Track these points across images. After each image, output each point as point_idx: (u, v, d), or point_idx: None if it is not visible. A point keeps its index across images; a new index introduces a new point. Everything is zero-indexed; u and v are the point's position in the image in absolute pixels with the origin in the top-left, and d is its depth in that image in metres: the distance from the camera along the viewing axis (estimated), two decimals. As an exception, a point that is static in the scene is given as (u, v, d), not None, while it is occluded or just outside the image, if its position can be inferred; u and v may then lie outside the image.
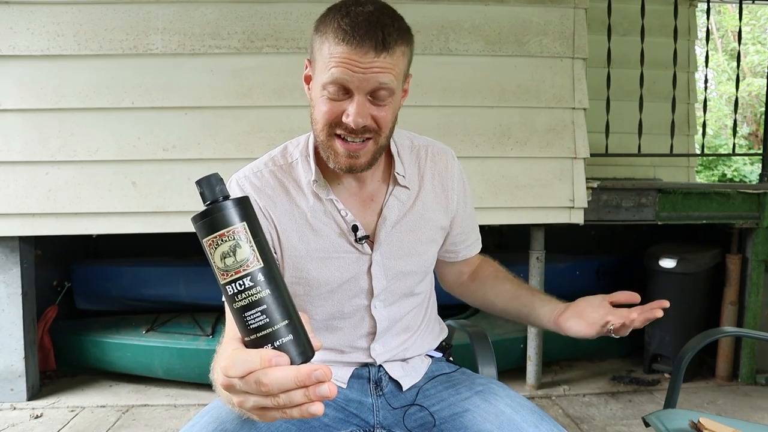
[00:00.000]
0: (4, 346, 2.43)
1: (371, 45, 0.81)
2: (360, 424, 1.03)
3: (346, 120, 0.85)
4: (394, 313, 1.05)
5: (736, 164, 7.70)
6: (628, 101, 2.87)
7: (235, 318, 0.59)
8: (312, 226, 0.98)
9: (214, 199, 0.60)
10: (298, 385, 0.55)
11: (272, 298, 0.59)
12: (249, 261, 0.58)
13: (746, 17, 8.30)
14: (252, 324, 0.58)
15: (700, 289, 2.70)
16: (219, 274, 0.58)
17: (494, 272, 1.18)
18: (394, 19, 0.85)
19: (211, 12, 2.24)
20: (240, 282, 0.58)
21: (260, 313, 0.58)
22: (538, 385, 2.63)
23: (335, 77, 0.83)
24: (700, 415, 1.28)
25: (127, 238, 2.38)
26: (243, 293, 0.58)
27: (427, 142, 1.08)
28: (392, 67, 0.84)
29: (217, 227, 0.58)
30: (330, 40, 0.83)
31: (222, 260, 0.58)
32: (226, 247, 0.58)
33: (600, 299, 0.99)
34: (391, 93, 0.86)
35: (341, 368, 1.07)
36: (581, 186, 2.39)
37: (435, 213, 1.04)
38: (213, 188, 0.60)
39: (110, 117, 2.23)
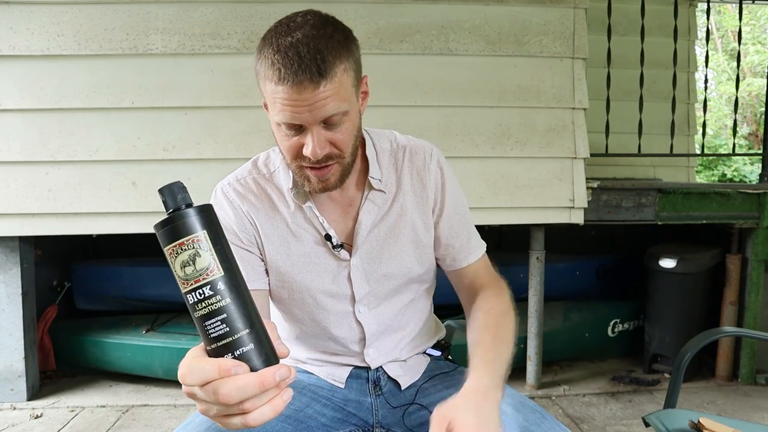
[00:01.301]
0: (4, 346, 2.44)
1: (307, 78, 0.78)
2: (359, 423, 1.03)
3: (306, 153, 0.84)
4: (382, 316, 1.04)
5: (736, 164, 7.70)
6: (628, 101, 2.87)
7: (198, 327, 0.58)
8: (293, 233, 0.99)
9: (176, 207, 0.59)
10: (263, 389, 0.55)
11: (233, 306, 0.58)
12: (209, 270, 0.57)
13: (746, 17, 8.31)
14: (212, 333, 0.57)
15: (700, 289, 2.70)
16: (180, 282, 0.58)
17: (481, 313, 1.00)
18: (326, 35, 0.80)
19: (211, 12, 2.24)
20: (200, 291, 0.57)
21: (220, 322, 0.57)
22: (538, 385, 2.63)
23: (285, 120, 0.83)
24: (700, 415, 1.28)
25: (127, 238, 2.38)
26: (203, 302, 0.57)
27: (407, 141, 1.05)
28: (336, 92, 0.81)
29: (177, 236, 0.57)
30: (268, 79, 0.81)
31: (182, 269, 0.57)
32: (185, 256, 0.57)
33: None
34: (344, 114, 0.84)
35: (338, 368, 1.07)
36: (581, 186, 2.39)
37: (416, 213, 1.02)
38: (175, 196, 0.59)
39: (110, 117, 2.23)
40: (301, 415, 0.95)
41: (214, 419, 0.58)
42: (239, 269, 0.60)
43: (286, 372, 0.56)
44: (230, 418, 0.57)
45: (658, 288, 2.73)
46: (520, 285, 2.65)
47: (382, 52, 2.30)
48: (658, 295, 2.74)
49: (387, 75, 2.30)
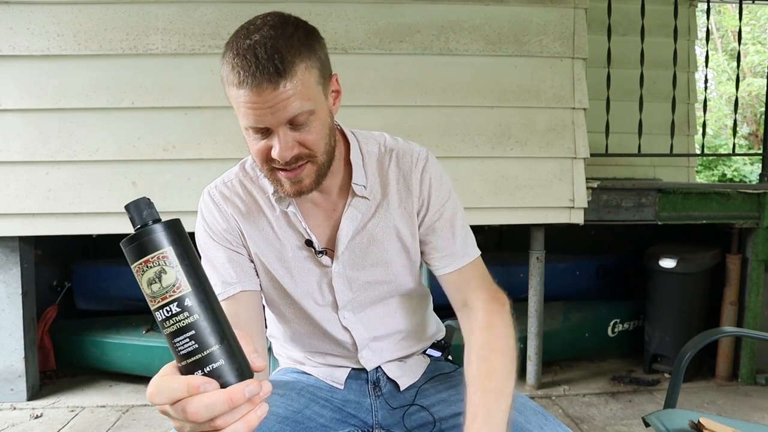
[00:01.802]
0: (4, 346, 2.43)
1: (266, 79, 0.77)
2: (358, 424, 1.03)
3: (273, 155, 0.83)
4: (369, 320, 1.03)
5: (736, 164, 7.70)
6: (628, 101, 2.87)
7: (168, 344, 0.57)
8: (278, 237, 0.98)
9: (142, 223, 0.58)
10: (233, 406, 0.53)
11: (202, 323, 0.56)
12: (175, 287, 0.56)
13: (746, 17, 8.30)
14: (182, 350, 0.56)
15: (700, 289, 2.70)
16: (148, 300, 0.56)
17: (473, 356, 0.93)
18: (286, 35, 0.79)
19: (211, 12, 2.24)
20: (167, 308, 0.55)
21: (189, 339, 0.55)
22: (538, 385, 2.63)
23: (248, 125, 0.82)
24: (700, 415, 1.27)
25: (127, 238, 2.38)
26: (171, 319, 0.55)
27: (396, 144, 1.01)
28: (297, 91, 0.79)
29: (142, 253, 0.56)
30: (230, 83, 0.80)
31: (149, 286, 0.56)
32: (151, 273, 0.56)
33: None
34: (310, 113, 0.82)
35: (336, 370, 1.07)
36: (581, 186, 2.39)
37: (401, 220, 1.00)
38: (141, 212, 0.59)
39: (110, 117, 2.23)
40: (300, 416, 0.95)
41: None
42: (209, 284, 0.58)
43: (256, 387, 0.54)
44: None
45: (658, 288, 2.73)
46: (520, 285, 2.65)
47: (382, 52, 2.30)
48: (658, 295, 2.74)
49: (387, 75, 2.30)
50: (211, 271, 0.96)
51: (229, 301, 0.93)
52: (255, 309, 0.97)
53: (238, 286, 0.94)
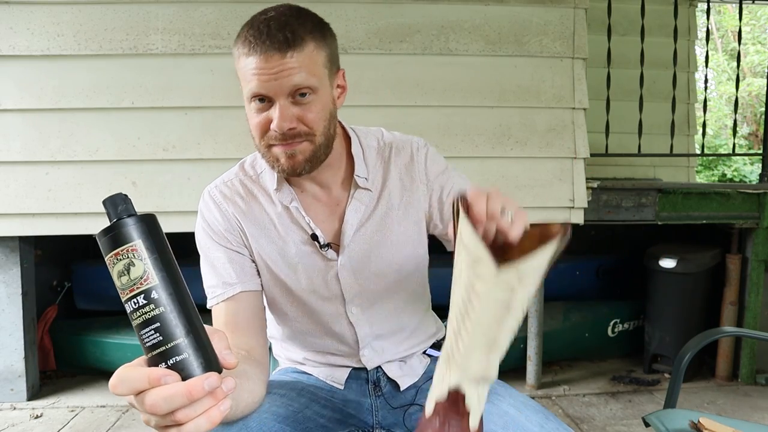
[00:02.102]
0: (4, 346, 2.44)
1: (275, 48, 0.81)
2: (358, 424, 1.03)
3: (272, 126, 0.85)
4: (376, 317, 1.03)
5: (736, 164, 7.70)
6: (628, 101, 2.87)
7: (137, 336, 0.58)
8: (280, 234, 0.99)
9: (117, 217, 0.59)
10: (191, 399, 0.52)
11: (168, 315, 0.57)
12: (142, 279, 0.57)
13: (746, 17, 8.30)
14: (147, 342, 0.56)
15: (700, 289, 2.70)
16: (119, 292, 0.57)
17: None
18: (300, 17, 0.84)
19: (211, 12, 2.24)
20: (134, 300, 0.56)
21: (154, 331, 0.56)
22: (538, 385, 2.63)
23: (252, 90, 0.84)
24: (700, 415, 1.28)
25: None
26: (137, 311, 0.56)
27: (393, 138, 1.05)
28: (303, 64, 0.82)
29: (113, 245, 0.57)
30: (241, 55, 0.84)
31: (119, 278, 0.57)
32: (121, 266, 0.57)
33: None
34: (312, 91, 0.85)
35: (337, 370, 1.07)
36: (581, 186, 2.39)
37: (405, 210, 1.01)
38: (116, 207, 0.60)
39: (110, 117, 2.23)
40: (300, 416, 0.95)
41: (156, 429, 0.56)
42: (180, 277, 0.59)
43: (216, 381, 0.54)
44: (168, 430, 0.55)
45: (658, 288, 2.73)
46: (520, 285, 2.65)
47: (382, 52, 2.30)
48: (658, 295, 2.74)
49: (387, 75, 2.30)
50: (211, 272, 0.96)
51: (229, 302, 0.93)
52: (255, 309, 0.97)
53: (238, 286, 0.94)
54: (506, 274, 0.64)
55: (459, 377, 0.72)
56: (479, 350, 0.70)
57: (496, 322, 0.67)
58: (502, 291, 0.65)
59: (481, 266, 0.64)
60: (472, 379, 0.72)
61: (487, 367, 0.71)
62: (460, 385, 0.72)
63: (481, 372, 0.72)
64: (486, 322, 0.67)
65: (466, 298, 0.67)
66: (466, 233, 0.65)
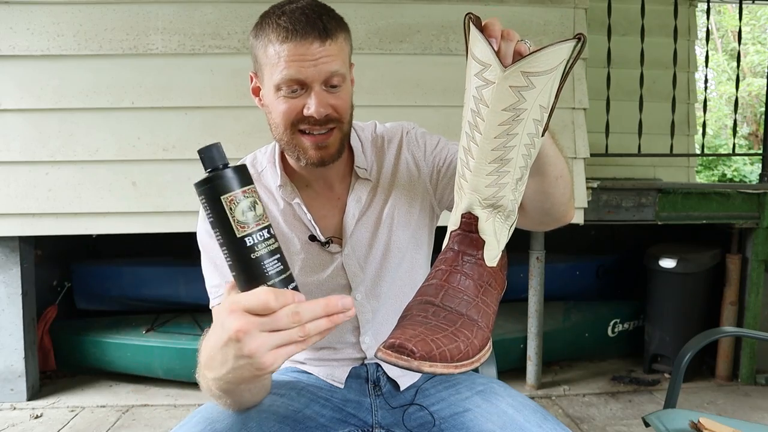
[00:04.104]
0: (4, 346, 2.44)
1: (315, 35, 0.82)
2: (358, 424, 1.03)
3: (308, 113, 0.86)
4: (380, 303, 1.05)
5: (736, 164, 7.70)
6: (628, 101, 2.87)
7: (251, 268, 0.64)
8: (284, 230, 1.00)
9: (224, 163, 0.66)
10: (327, 312, 0.61)
11: (280, 249, 0.66)
12: (264, 216, 0.65)
13: (746, 17, 8.30)
14: (272, 270, 0.64)
15: (700, 289, 2.70)
16: (237, 227, 0.63)
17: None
18: (329, 10, 0.88)
19: (211, 12, 2.24)
20: (260, 233, 0.64)
21: (277, 261, 0.65)
22: (538, 385, 2.63)
23: (289, 76, 0.84)
24: (700, 415, 1.28)
25: (127, 238, 2.38)
26: (263, 242, 0.64)
27: (384, 129, 1.08)
28: (339, 53, 0.86)
29: (238, 185, 0.64)
30: (273, 42, 0.84)
31: (243, 214, 0.63)
32: (247, 203, 0.64)
33: None
34: (343, 79, 0.88)
35: (338, 368, 1.07)
36: (581, 186, 2.38)
37: (404, 196, 1.03)
38: (222, 155, 0.66)
39: (110, 117, 2.23)
40: (300, 415, 0.95)
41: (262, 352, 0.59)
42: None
43: (349, 302, 0.62)
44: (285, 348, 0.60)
45: (658, 288, 2.73)
46: (520, 285, 2.65)
47: (382, 52, 2.30)
48: (658, 295, 2.74)
49: (387, 75, 2.30)
50: (214, 271, 0.97)
51: None
52: None
53: None
54: (512, 74, 0.63)
55: (470, 199, 0.70)
56: (489, 167, 0.68)
57: (505, 134, 0.66)
58: (509, 94, 0.64)
59: (488, 72, 0.64)
60: (483, 201, 0.70)
61: (499, 192, 0.69)
62: (471, 206, 0.71)
63: (493, 195, 0.69)
64: (494, 132, 0.66)
65: (475, 109, 0.67)
66: (476, 43, 0.65)
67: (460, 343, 0.65)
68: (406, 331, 0.65)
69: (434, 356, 0.62)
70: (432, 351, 0.62)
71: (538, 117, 0.67)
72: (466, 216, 0.71)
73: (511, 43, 0.67)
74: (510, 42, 0.67)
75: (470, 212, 0.71)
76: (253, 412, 0.87)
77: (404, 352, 0.62)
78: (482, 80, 0.65)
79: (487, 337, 0.69)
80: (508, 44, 0.67)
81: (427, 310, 0.69)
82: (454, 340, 0.65)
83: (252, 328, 0.59)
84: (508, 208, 0.72)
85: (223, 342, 0.61)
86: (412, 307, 0.72)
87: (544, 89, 0.65)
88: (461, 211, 0.72)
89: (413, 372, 0.62)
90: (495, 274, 0.72)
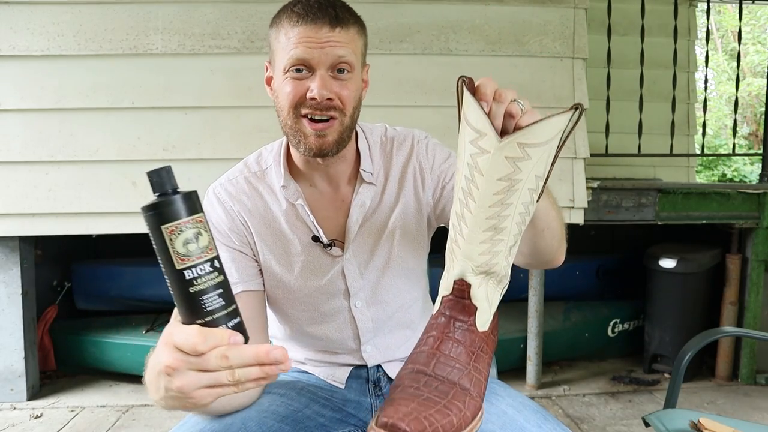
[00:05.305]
0: (4, 346, 2.43)
1: (325, 21, 0.85)
2: (358, 424, 1.03)
3: (310, 94, 0.86)
4: (379, 313, 1.04)
5: (736, 164, 7.69)
6: (628, 101, 2.87)
7: (189, 302, 0.61)
8: (285, 231, 0.99)
9: (173, 187, 0.63)
10: (258, 362, 0.59)
11: (227, 283, 0.63)
12: (208, 248, 0.62)
13: (746, 17, 8.30)
14: (211, 306, 0.61)
15: (700, 289, 2.70)
16: (177, 259, 0.60)
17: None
18: (344, 4, 0.90)
19: (211, 12, 2.24)
20: (200, 267, 0.61)
21: (218, 296, 0.62)
22: (538, 385, 2.63)
23: (295, 56, 0.85)
24: (700, 415, 1.27)
25: (127, 238, 2.38)
26: (203, 277, 0.61)
27: (395, 132, 1.06)
28: (348, 41, 0.87)
29: (181, 214, 0.61)
30: (285, 27, 0.87)
31: (184, 246, 0.60)
32: (190, 234, 0.60)
33: None
34: (351, 68, 0.88)
35: (338, 369, 1.07)
36: (581, 186, 2.38)
37: (408, 204, 1.02)
38: (170, 178, 0.63)
39: (110, 117, 2.23)
40: (299, 415, 0.95)
41: (193, 393, 0.59)
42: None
43: (280, 355, 0.59)
44: (214, 389, 0.60)
45: (658, 288, 2.73)
46: (520, 285, 2.65)
47: (382, 52, 2.30)
48: (658, 295, 2.74)
49: (387, 75, 2.30)
50: None
51: None
52: (256, 309, 0.97)
53: (240, 286, 0.94)
54: (508, 145, 0.62)
55: (462, 266, 0.70)
56: (482, 235, 0.67)
57: (500, 203, 0.65)
58: (504, 165, 0.63)
59: (483, 140, 0.63)
60: (476, 269, 0.69)
61: (492, 259, 0.69)
62: (463, 273, 0.70)
63: (486, 263, 0.69)
64: (488, 201, 0.65)
65: (469, 176, 0.66)
66: (470, 109, 0.64)
67: (452, 417, 0.65)
68: (399, 408, 0.64)
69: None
70: (425, 430, 0.62)
71: (533, 186, 0.67)
72: (458, 282, 0.71)
73: (503, 105, 0.67)
74: (501, 104, 0.67)
75: (463, 279, 0.70)
76: (253, 412, 0.87)
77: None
78: (477, 148, 0.65)
79: (478, 406, 0.69)
80: (500, 106, 0.67)
81: (419, 380, 0.69)
82: (447, 414, 0.65)
83: (181, 366, 0.59)
84: (500, 273, 0.71)
85: (156, 371, 0.62)
86: (403, 377, 0.71)
87: (540, 159, 0.65)
88: (453, 278, 0.71)
89: None
90: (486, 338, 0.72)
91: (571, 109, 0.64)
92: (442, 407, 0.65)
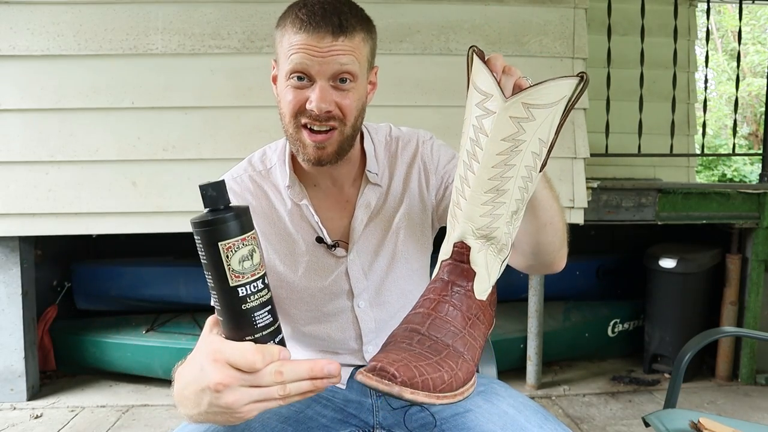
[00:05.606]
0: (4, 346, 2.43)
1: (328, 30, 0.82)
2: (359, 424, 1.03)
3: (309, 106, 0.85)
4: (383, 313, 1.04)
5: (736, 164, 7.69)
6: (628, 101, 2.87)
7: (241, 318, 0.62)
8: (290, 231, 0.99)
9: (225, 204, 0.62)
10: (312, 376, 0.60)
11: (272, 299, 0.65)
12: (261, 265, 0.63)
13: (746, 17, 8.30)
14: (261, 323, 0.63)
15: (700, 289, 2.70)
16: (232, 276, 0.61)
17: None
18: (352, 8, 0.86)
19: (211, 12, 2.24)
20: (254, 284, 0.62)
21: (267, 313, 0.63)
22: (538, 385, 2.63)
23: (295, 64, 0.84)
24: (700, 415, 1.28)
25: (127, 238, 2.38)
26: (255, 294, 0.62)
27: (400, 132, 1.06)
28: (352, 50, 0.84)
29: (238, 231, 0.61)
30: (289, 31, 0.85)
31: (240, 263, 0.61)
32: (245, 251, 0.61)
33: None
34: (354, 78, 0.86)
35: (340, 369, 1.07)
36: (581, 186, 2.38)
37: (412, 204, 1.02)
38: (224, 194, 0.63)
39: (110, 117, 2.23)
40: (301, 416, 0.95)
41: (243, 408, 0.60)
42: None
43: (335, 369, 0.61)
44: (262, 404, 0.60)
45: (658, 288, 2.73)
46: (520, 285, 2.65)
47: (382, 52, 2.28)
48: (658, 295, 2.74)
49: (387, 75, 2.29)
50: None
51: None
52: None
53: None
54: (513, 105, 0.63)
55: (463, 228, 0.69)
56: (485, 196, 0.67)
57: (503, 164, 0.66)
58: (509, 125, 0.64)
59: (489, 101, 0.64)
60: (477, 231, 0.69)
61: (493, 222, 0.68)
62: (464, 235, 0.70)
63: (487, 225, 0.69)
64: (492, 162, 0.66)
65: (474, 138, 0.67)
66: (479, 74, 0.65)
67: (443, 373, 0.63)
68: (389, 355, 0.63)
69: (416, 383, 0.60)
70: (414, 377, 0.60)
71: (536, 150, 0.67)
72: (458, 245, 0.70)
73: (512, 77, 0.68)
74: (511, 77, 0.68)
75: (463, 242, 0.70)
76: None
77: (385, 376, 0.59)
78: (483, 110, 0.65)
79: (472, 371, 0.67)
80: (509, 78, 0.68)
81: (412, 338, 0.67)
82: (438, 370, 0.63)
83: (233, 383, 0.59)
84: (501, 241, 0.71)
85: (200, 388, 0.61)
86: (396, 334, 0.70)
87: (544, 123, 0.65)
88: (454, 240, 0.71)
89: (393, 397, 0.59)
90: (484, 308, 0.71)
91: (576, 76, 0.65)
92: (434, 362, 0.63)
